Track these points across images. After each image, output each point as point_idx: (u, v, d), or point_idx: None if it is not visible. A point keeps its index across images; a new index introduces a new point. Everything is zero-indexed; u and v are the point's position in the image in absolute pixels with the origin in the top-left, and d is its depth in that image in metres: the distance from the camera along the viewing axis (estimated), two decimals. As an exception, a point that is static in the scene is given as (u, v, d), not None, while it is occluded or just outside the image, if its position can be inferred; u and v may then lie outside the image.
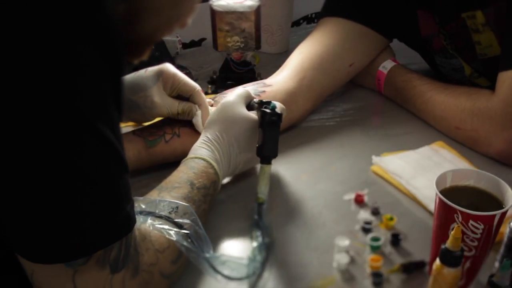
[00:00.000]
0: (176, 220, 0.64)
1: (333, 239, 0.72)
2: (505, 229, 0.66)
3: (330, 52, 1.03)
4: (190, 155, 0.76)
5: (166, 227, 0.63)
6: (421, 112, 1.02)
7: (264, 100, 0.81)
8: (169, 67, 0.87)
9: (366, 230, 0.76)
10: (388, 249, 0.73)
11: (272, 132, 0.77)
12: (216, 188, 0.76)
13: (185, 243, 0.63)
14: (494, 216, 0.60)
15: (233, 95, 0.83)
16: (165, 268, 0.62)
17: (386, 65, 1.09)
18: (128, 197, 0.56)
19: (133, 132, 0.87)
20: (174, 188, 0.69)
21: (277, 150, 0.77)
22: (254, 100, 0.84)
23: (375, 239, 0.73)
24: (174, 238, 0.62)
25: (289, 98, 0.96)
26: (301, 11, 1.51)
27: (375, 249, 0.73)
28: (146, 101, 0.85)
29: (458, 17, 0.97)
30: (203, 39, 1.38)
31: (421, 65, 1.18)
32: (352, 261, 0.71)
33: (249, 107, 0.84)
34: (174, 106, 0.86)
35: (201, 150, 0.77)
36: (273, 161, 0.77)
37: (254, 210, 0.73)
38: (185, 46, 1.33)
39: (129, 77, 0.86)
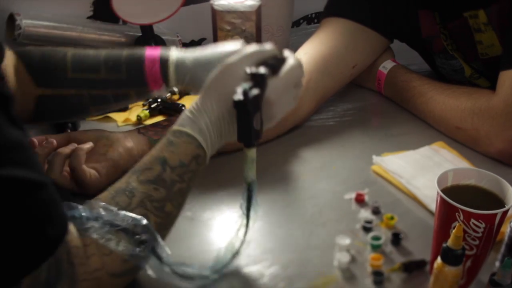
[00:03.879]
0: (134, 232, 0.60)
1: (334, 238, 0.72)
2: (506, 228, 0.67)
3: (334, 54, 1.03)
4: (173, 126, 0.69)
5: (115, 239, 0.59)
6: (421, 112, 1.02)
7: (258, 72, 0.68)
8: (251, 46, 0.76)
9: (366, 229, 0.76)
10: (389, 248, 0.73)
11: (240, 115, 0.65)
12: (200, 163, 0.68)
13: (137, 251, 0.59)
14: (495, 215, 0.61)
15: (238, 55, 0.71)
16: (115, 268, 0.59)
17: (386, 65, 1.09)
18: (50, 215, 0.54)
19: (138, 130, 0.87)
20: (144, 170, 0.64)
21: (252, 135, 0.66)
22: (250, 69, 0.68)
23: (376, 238, 0.73)
24: (120, 249, 0.58)
25: (298, 123, 0.98)
26: (301, 11, 1.52)
27: (375, 248, 0.73)
28: (218, 60, 0.76)
29: (460, 16, 0.97)
30: (203, 39, 1.38)
31: (421, 66, 1.18)
32: (353, 260, 0.71)
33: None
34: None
35: (185, 120, 0.68)
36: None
37: (243, 194, 0.69)
38: (185, 46, 1.33)
39: (207, 49, 0.82)
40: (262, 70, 0.68)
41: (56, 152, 0.81)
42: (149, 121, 1.03)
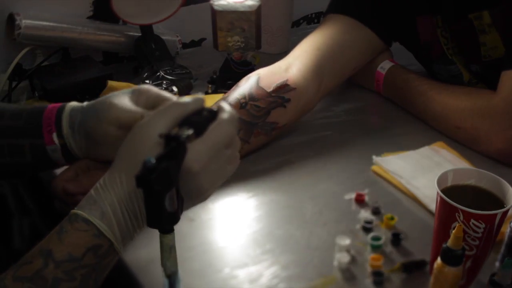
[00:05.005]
0: None
1: (334, 238, 0.72)
2: (506, 229, 0.67)
3: (339, 55, 1.01)
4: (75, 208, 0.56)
5: None
6: (420, 112, 1.02)
7: (171, 134, 0.53)
8: (145, 85, 0.69)
9: (366, 230, 0.76)
10: (389, 248, 0.73)
11: (146, 195, 0.51)
12: (102, 255, 0.55)
13: None
14: (495, 215, 0.61)
15: (151, 114, 0.57)
16: None
17: (384, 66, 1.09)
18: None
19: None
20: (23, 264, 0.53)
21: (163, 219, 0.52)
22: (161, 132, 0.55)
23: (376, 238, 0.73)
24: None
25: (308, 106, 0.97)
26: (301, 11, 1.51)
27: (375, 248, 0.73)
28: (103, 104, 0.65)
29: (464, 18, 0.97)
30: (203, 39, 1.37)
31: (420, 66, 1.18)
32: (353, 260, 0.71)
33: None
34: (137, 112, 0.63)
35: (86, 200, 0.56)
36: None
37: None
38: (185, 46, 1.33)
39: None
40: (179, 132, 0.54)
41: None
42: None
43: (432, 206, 0.72)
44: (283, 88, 0.91)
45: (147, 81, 1.09)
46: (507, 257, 0.65)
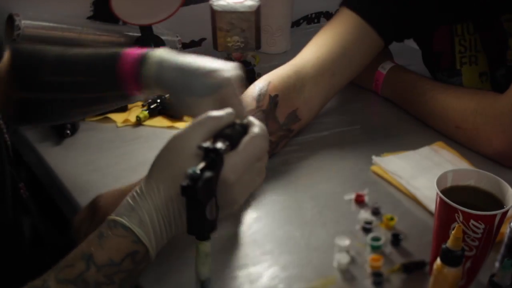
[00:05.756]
0: None
1: (334, 239, 0.72)
2: (505, 229, 0.66)
3: (344, 58, 0.99)
4: (111, 215, 0.58)
5: None
6: (420, 113, 1.02)
7: (211, 147, 0.56)
8: (230, 86, 0.70)
9: (366, 230, 0.76)
10: (389, 249, 0.73)
11: (189, 204, 0.55)
12: (139, 261, 0.57)
13: None
14: (495, 216, 0.60)
15: (187, 126, 0.60)
16: None
17: (385, 66, 1.09)
18: None
19: None
20: (65, 267, 0.54)
21: (204, 226, 0.56)
22: (202, 144, 0.57)
23: (376, 239, 0.73)
24: None
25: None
26: (301, 11, 1.52)
27: (375, 249, 0.73)
28: (190, 109, 0.71)
29: (496, 20, 0.97)
30: (203, 39, 1.38)
31: (419, 66, 1.18)
32: (353, 261, 0.71)
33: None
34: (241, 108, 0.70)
35: (124, 207, 0.58)
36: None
37: None
38: (185, 46, 1.33)
39: (194, 60, 0.73)
40: (217, 144, 0.56)
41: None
42: (149, 122, 1.03)
43: (432, 206, 0.72)
44: (291, 115, 0.92)
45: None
46: (507, 257, 0.64)
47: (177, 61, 0.72)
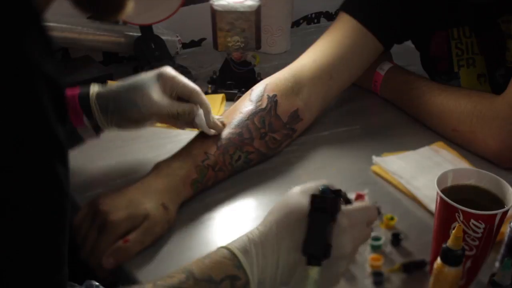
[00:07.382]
0: None
1: (334, 239, 0.72)
2: (506, 229, 0.66)
3: (342, 61, 1.00)
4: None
5: None
6: (418, 114, 1.02)
7: (328, 194, 0.62)
8: (168, 69, 0.84)
9: (366, 230, 0.76)
10: (389, 248, 0.73)
11: (317, 223, 0.58)
12: (236, 287, 0.57)
13: None
14: (495, 215, 0.61)
15: (300, 186, 0.65)
16: None
17: (384, 67, 1.09)
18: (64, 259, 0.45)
19: None
20: (165, 277, 0.56)
21: (325, 248, 0.58)
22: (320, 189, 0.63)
23: (376, 238, 0.73)
24: None
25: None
26: (301, 11, 1.51)
27: (375, 249, 0.73)
28: (143, 99, 0.80)
29: (494, 23, 0.97)
30: (203, 39, 1.38)
31: (419, 67, 1.18)
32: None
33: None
34: (173, 106, 0.82)
35: (237, 239, 0.60)
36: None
37: None
38: (185, 46, 1.33)
39: (128, 79, 0.83)
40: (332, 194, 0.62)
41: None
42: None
43: (432, 206, 0.72)
44: (293, 115, 0.92)
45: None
46: (507, 257, 0.64)
47: (115, 84, 0.84)
